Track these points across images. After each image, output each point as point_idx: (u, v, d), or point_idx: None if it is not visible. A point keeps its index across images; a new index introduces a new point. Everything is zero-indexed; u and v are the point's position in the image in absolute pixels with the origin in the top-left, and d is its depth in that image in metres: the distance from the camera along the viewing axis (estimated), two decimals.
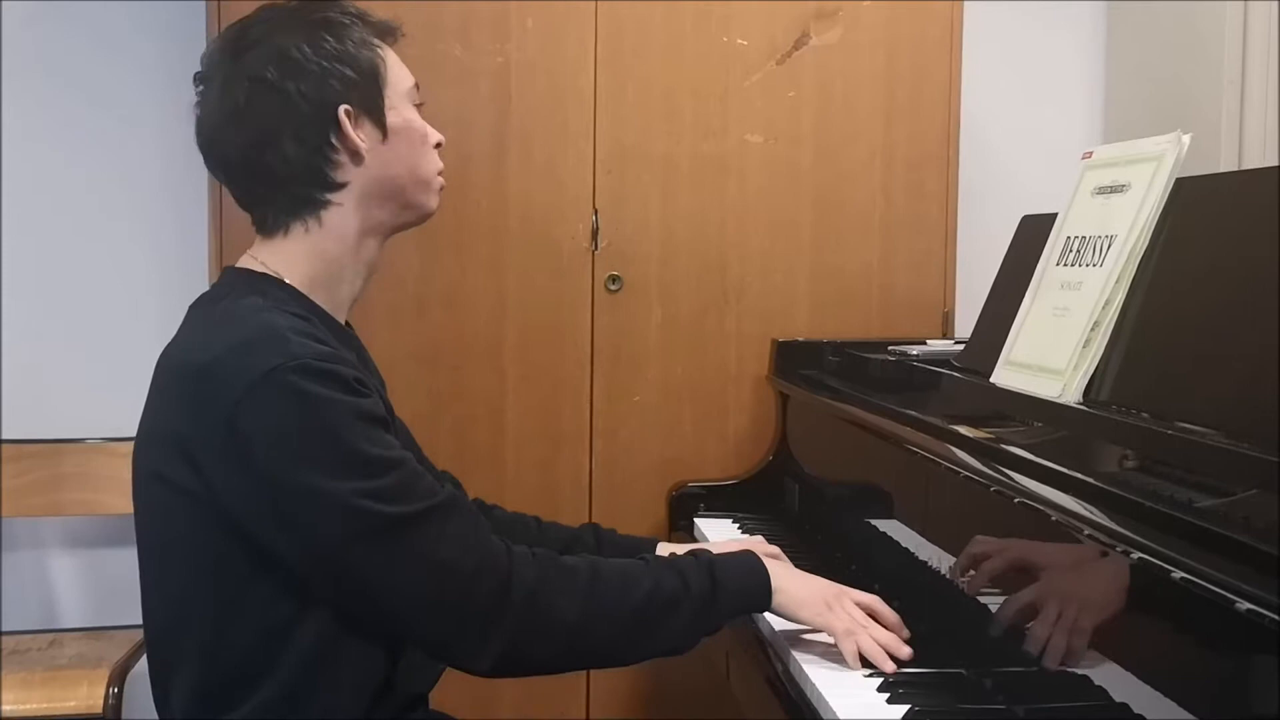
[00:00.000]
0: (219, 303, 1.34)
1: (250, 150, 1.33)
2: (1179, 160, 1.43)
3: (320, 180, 1.35)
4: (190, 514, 1.25)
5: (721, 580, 1.37)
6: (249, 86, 1.31)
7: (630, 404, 2.34)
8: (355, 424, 1.22)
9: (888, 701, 1.29)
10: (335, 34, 1.35)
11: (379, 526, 1.21)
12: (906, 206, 2.40)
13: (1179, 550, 0.98)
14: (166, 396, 1.30)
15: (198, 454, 1.23)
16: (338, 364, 1.24)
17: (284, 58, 1.32)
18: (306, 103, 1.32)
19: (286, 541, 1.23)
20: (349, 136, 1.34)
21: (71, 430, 2.57)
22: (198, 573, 1.27)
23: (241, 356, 1.22)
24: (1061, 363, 1.45)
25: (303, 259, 1.37)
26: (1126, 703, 1.06)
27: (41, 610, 2.66)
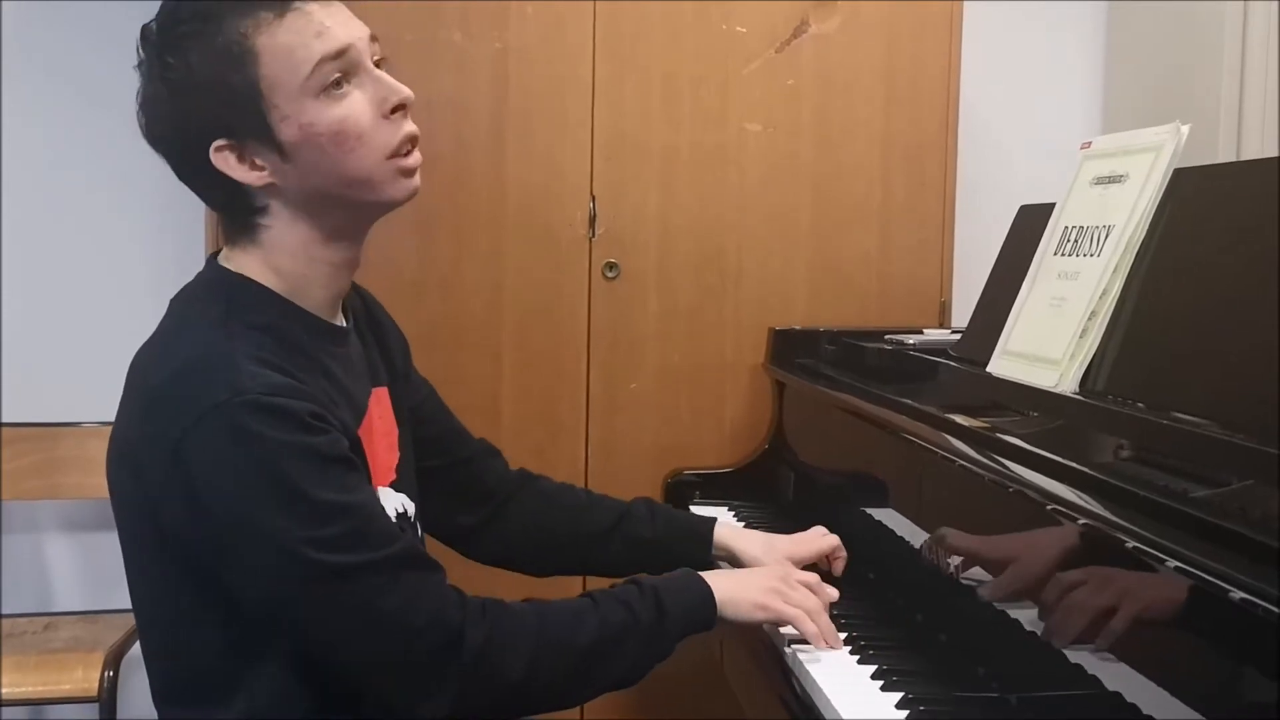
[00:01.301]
0: (186, 307, 1.28)
1: (159, 129, 1.24)
2: (1177, 151, 1.43)
3: (231, 207, 1.26)
4: (141, 526, 1.22)
5: (668, 608, 1.32)
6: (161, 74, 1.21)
7: (627, 391, 2.34)
8: (301, 465, 1.14)
9: (882, 689, 1.30)
10: (184, 50, 1.19)
11: (317, 575, 1.14)
12: (905, 196, 2.40)
13: (1174, 540, 0.98)
14: (126, 404, 1.25)
15: (147, 476, 1.18)
16: (291, 397, 1.15)
17: (148, 96, 1.22)
18: (179, 141, 1.23)
19: (228, 574, 1.18)
20: (231, 174, 1.21)
21: (68, 414, 2.56)
22: (151, 592, 1.25)
23: (189, 385, 1.16)
24: (1058, 353, 1.45)
25: (264, 268, 1.27)
26: (1119, 692, 1.06)
27: (37, 593, 2.66)
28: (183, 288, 1.32)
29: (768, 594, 1.40)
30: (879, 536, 1.69)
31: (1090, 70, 2.83)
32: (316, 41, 1.19)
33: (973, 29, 2.44)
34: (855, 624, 1.49)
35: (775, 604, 1.40)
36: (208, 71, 1.18)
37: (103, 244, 2.63)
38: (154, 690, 1.29)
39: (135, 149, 1.32)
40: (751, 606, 1.39)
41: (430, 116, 2.26)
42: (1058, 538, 1.18)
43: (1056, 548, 1.20)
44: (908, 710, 1.24)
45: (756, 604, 1.39)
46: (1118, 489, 1.11)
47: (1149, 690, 1.02)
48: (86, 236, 2.63)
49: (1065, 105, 2.81)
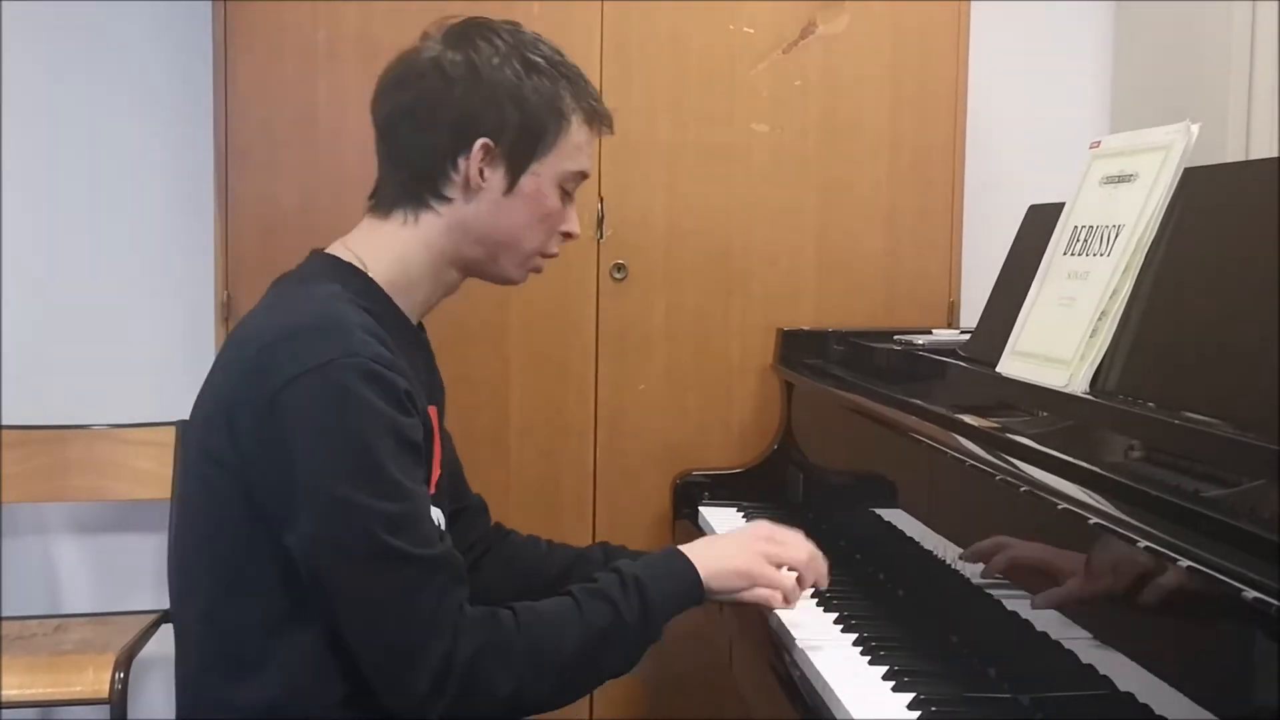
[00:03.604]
0: (301, 285, 1.35)
1: (396, 113, 1.37)
2: (1187, 150, 1.43)
3: (429, 183, 1.37)
4: (222, 490, 1.25)
5: (652, 598, 1.33)
6: (435, 64, 1.35)
7: (635, 392, 2.34)
8: (387, 439, 1.21)
9: (893, 690, 1.29)
10: (537, 80, 1.37)
11: (369, 549, 1.19)
12: (913, 196, 2.39)
13: (1185, 540, 0.98)
14: (225, 367, 1.31)
15: (238, 422, 1.23)
16: (394, 371, 1.24)
17: (478, 64, 1.35)
18: (460, 111, 1.34)
19: (286, 528, 1.22)
20: (470, 167, 1.35)
21: (77, 417, 2.57)
22: (217, 550, 1.28)
23: (302, 340, 1.23)
24: (1068, 352, 1.45)
25: (389, 254, 1.37)
26: (1131, 692, 1.06)
27: (47, 595, 2.67)
28: (287, 272, 1.41)
29: (753, 559, 1.40)
30: (889, 537, 1.69)
31: (1098, 69, 2.82)
32: (588, 159, 1.45)
33: (980, 29, 2.44)
34: (866, 624, 1.49)
35: (761, 570, 1.39)
36: (532, 95, 1.36)
37: (111, 248, 2.64)
38: (185, 659, 1.32)
39: (144, 150, 1.33)
40: (736, 577, 1.39)
41: None
42: (1068, 538, 1.18)
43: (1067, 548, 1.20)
44: (919, 711, 1.23)
45: (739, 572, 1.39)
46: (1129, 489, 1.11)
47: (1161, 690, 1.02)
48: (95, 240, 2.63)
49: (1073, 104, 2.81)
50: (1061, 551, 1.22)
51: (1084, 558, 1.16)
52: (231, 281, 2.24)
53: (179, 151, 2.58)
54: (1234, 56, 2.33)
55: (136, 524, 2.66)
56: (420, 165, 1.37)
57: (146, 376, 2.64)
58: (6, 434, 2.52)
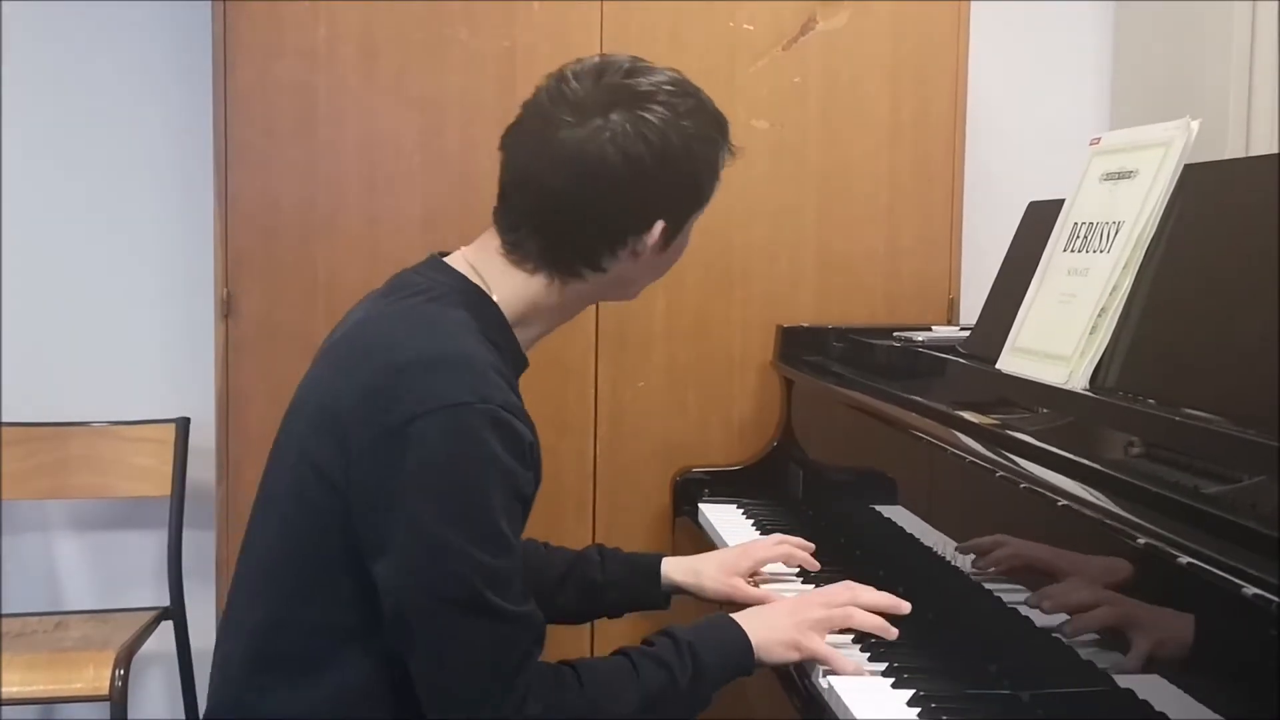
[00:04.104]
0: (431, 300, 1.31)
1: (569, 193, 1.30)
2: (1187, 146, 1.43)
3: (592, 259, 1.34)
4: (319, 495, 1.23)
5: (706, 664, 1.32)
6: (622, 144, 1.28)
7: (635, 390, 2.34)
8: (504, 492, 1.20)
9: (893, 686, 1.29)
10: (704, 148, 1.34)
11: (464, 601, 1.18)
12: (912, 192, 2.39)
13: (1185, 536, 0.98)
14: (346, 372, 1.27)
15: (354, 440, 1.21)
16: (523, 422, 1.23)
17: (670, 148, 1.30)
18: (643, 196, 1.31)
19: (379, 555, 1.20)
20: (646, 245, 1.34)
21: (78, 414, 2.57)
22: (300, 549, 1.26)
23: (438, 375, 1.20)
24: (1068, 349, 1.45)
25: (524, 299, 1.35)
26: (1131, 688, 1.06)
27: (48, 592, 2.67)
28: (411, 273, 1.38)
29: (799, 630, 1.38)
30: (888, 533, 1.69)
31: (1098, 67, 2.82)
32: None
33: (980, 25, 2.44)
34: None
35: (809, 643, 1.37)
36: (704, 167, 1.35)
37: (112, 245, 2.64)
38: (231, 657, 1.30)
39: (145, 149, 1.32)
40: (785, 648, 1.37)
41: (437, 114, 2.26)
42: (1069, 535, 1.18)
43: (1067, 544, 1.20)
44: (919, 707, 1.24)
45: (789, 644, 1.37)
46: (1128, 485, 1.11)
47: (1161, 686, 1.02)
48: (95, 237, 2.63)
49: (1073, 101, 2.81)
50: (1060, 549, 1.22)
51: (1083, 554, 1.16)
52: (231, 279, 2.24)
53: (179, 149, 2.58)
54: (1234, 54, 2.33)
55: (137, 521, 2.66)
56: (585, 247, 1.33)
57: (147, 374, 2.64)
58: (7, 431, 2.52)
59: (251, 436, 2.23)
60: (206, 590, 2.40)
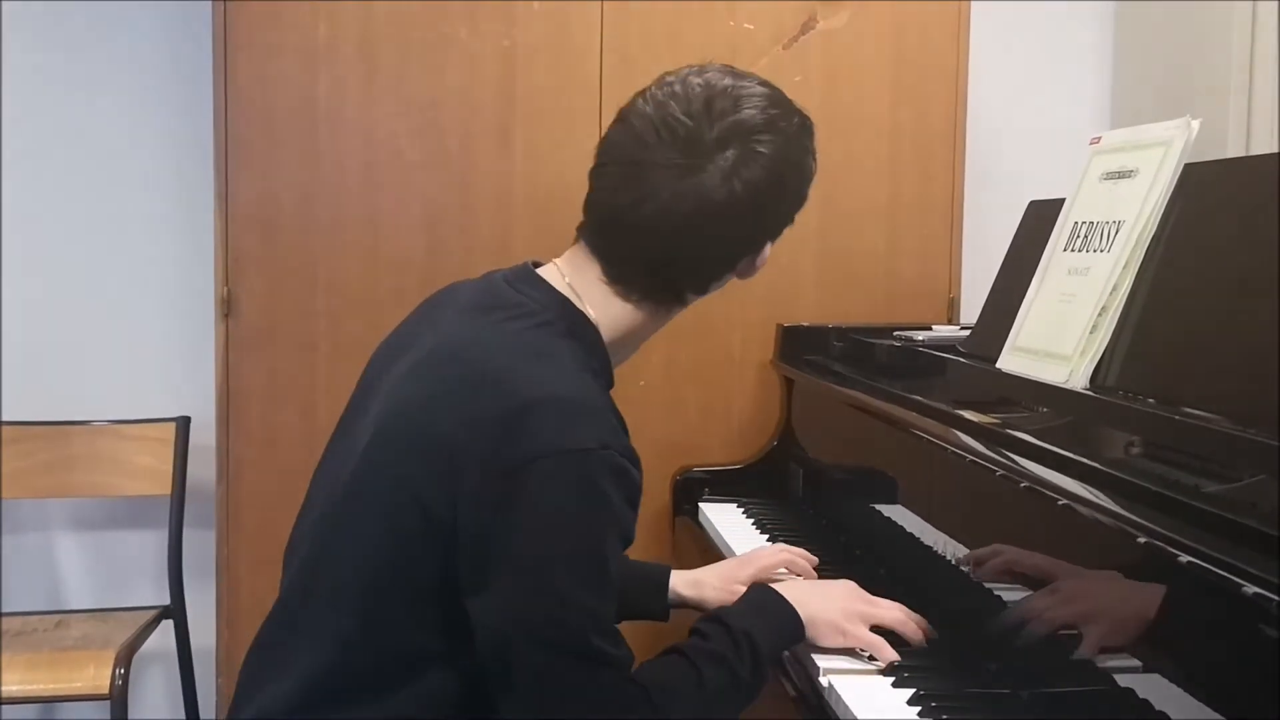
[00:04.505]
0: (538, 324, 1.27)
1: (688, 234, 1.27)
2: (1188, 145, 1.43)
3: (703, 287, 1.35)
4: (416, 526, 1.19)
5: (762, 651, 1.31)
6: (744, 179, 1.27)
7: (635, 388, 2.34)
8: (616, 539, 1.20)
9: (893, 685, 1.30)
10: (812, 164, 1.36)
11: (574, 649, 1.16)
12: (913, 191, 2.39)
13: (1186, 535, 0.98)
14: (450, 399, 1.21)
15: (464, 476, 1.17)
16: (636, 468, 1.22)
17: (784, 176, 1.31)
18: (760, 223, 1.32)
19: (478, 592, 1.17)
20: (754, 266, 1.36)
21: (79, 412, 2.57)
22: (387, 570, 1.22)
23: (562, 417, 1.17)
24: (1068, 348, 1.45)
25: (624, 323, 1.34)
26: (1131, 688, 1.06)
27: (48, 591, 2.67)
28: (504, 293, 1.32)
29: (848, 617, 1.39)
30: (889, 533, 1.69)
31: (1099, 67, 2.82)
32: None
33: (981, 24, 2.44)
34: None
35: (856, 630, 1.38)
36: (802, 185, 1.36)
37: (112, 244, 2.64)
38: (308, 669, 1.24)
39: (146, 148, 1.32)
40: (833, 631, 1.38)
41: (437, 113, 2.26)
42: (1068, 534, 1.18)
43: (1068, 544, 1.20)
44: (919, 706, 1.24)
45: (837, 628, 1.38)
46: (1129, 484, 1.11)
47: (1161, 686, 1.02)
48: (96, 236, 2.63)
49: (1074, 100, 2.81)
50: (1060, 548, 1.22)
51: (1083, 553, 1.16)
52: (231, 278, 2.24)
53: (179, 147, 2.58)
54: (1234, 54, 2.33)
55: (137, 520, 2.66)
56: (699, 280, 1.34)
57: (147, 372, 2.64)
58: (7, 429, 2.52)
59: (252, 435, 2.23)
60: (207, 589, 2.40)
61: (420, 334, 1.34)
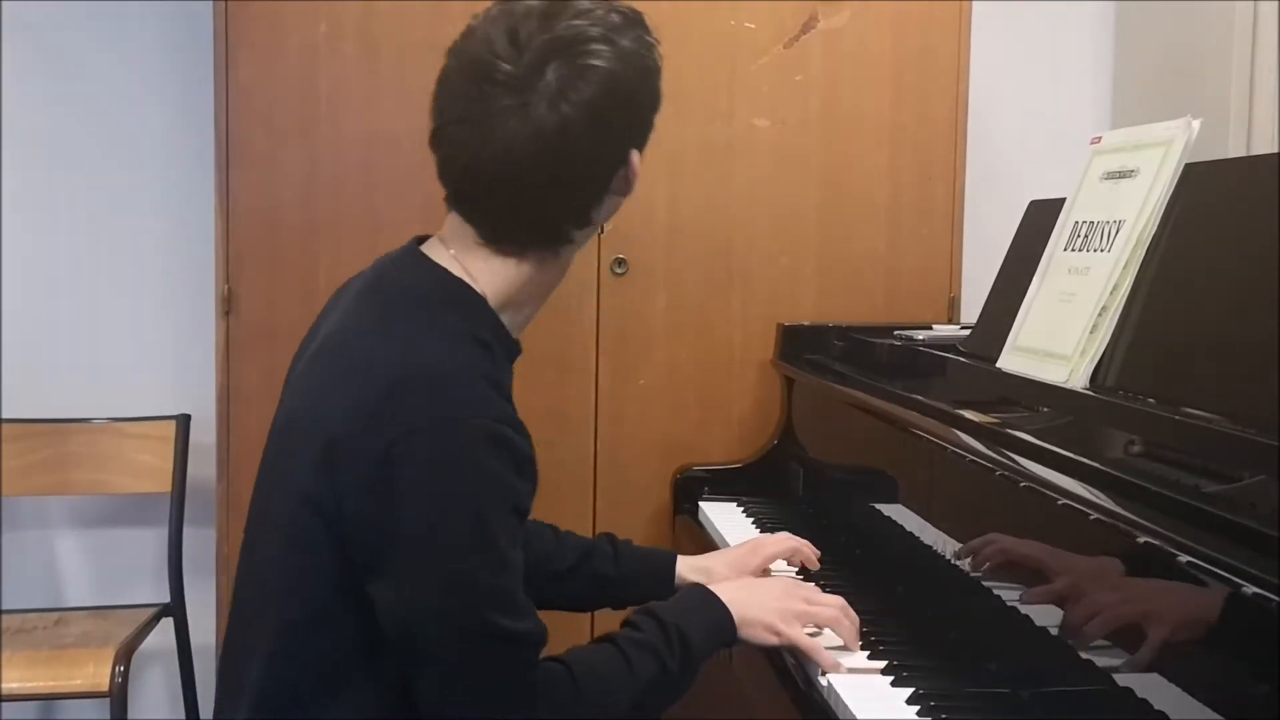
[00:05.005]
0: (418, 304, 1.25)
1: (548, 176, 1.22)
2: (1188, 145, 1.43)
3: (583, 219, 1.28)
4: (310, 524, 1.19)
5: (692, 643, 1.31)
6: (579, 110, 1.20)
7: (635, 387, 2.34)
8: (504, 510, 1.16)
9: (892, 685, 1.30)
10: (655, 56, 1.27)
11: (470, 627, 1.15)
12: (913, 191, 2.39)
13: (1186, 535, 0.98)
14: (333, 386, 1.21)
15: (342, 465, 1.16)
16: (519, 433, 1.18)
17: (614, 88, 1.21)
18: (619, 140, 1.26)
19: (377, 581, 1.16)
20: (628, 179, 1.29)
21: (78, 410, 2.57)
22: (300, 584, 1.21)
23: (431, 391, 1.15)
24: (1068, 348, 1.45)
25: (516, 281, 1.29)
26: (1130, 688, 1.06)
27: (48, 589, 2.67)
28: (388, 274, 1.31)
29: (782, 617, 1.38)
30: (888, 532, 1.69)
31: (1099, 67, 2.82)
32: None
33: (982, 24, 2.44)
34: (866, 620, 1.49)
35: (788, 630, 1.37)
36: (657, 89, 1.28)
37: (113, 242, 2.64)
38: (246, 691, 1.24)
39: (147, 146, 1.32)
40: (764, 630, 1.38)
41: None
42: (1068, 535, 1.18)
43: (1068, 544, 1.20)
44: (918, 705, 1.24)
45: (769, 628, 1.38)
46: (1129, 484, 1.11)
47: (1160, 685, 1.02)
48: (96, 234, 2.64)
49: (1074, 100, 2.81)
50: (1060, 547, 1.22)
51: (1083, 553, 1.17)
52: (232, 276, 2.24)
53: (180, 146, 2.58)
54: (1235, 54, 2.33)
55: (137, 518, 2.67)
56: (572, 213, 1.27)
57: (147, 370, 2.65)
58: (7, 427, 2.52)
59: (252, 433, 2.23)
60: (207, 587, 2.40)
61: (318, 330, 1.33)
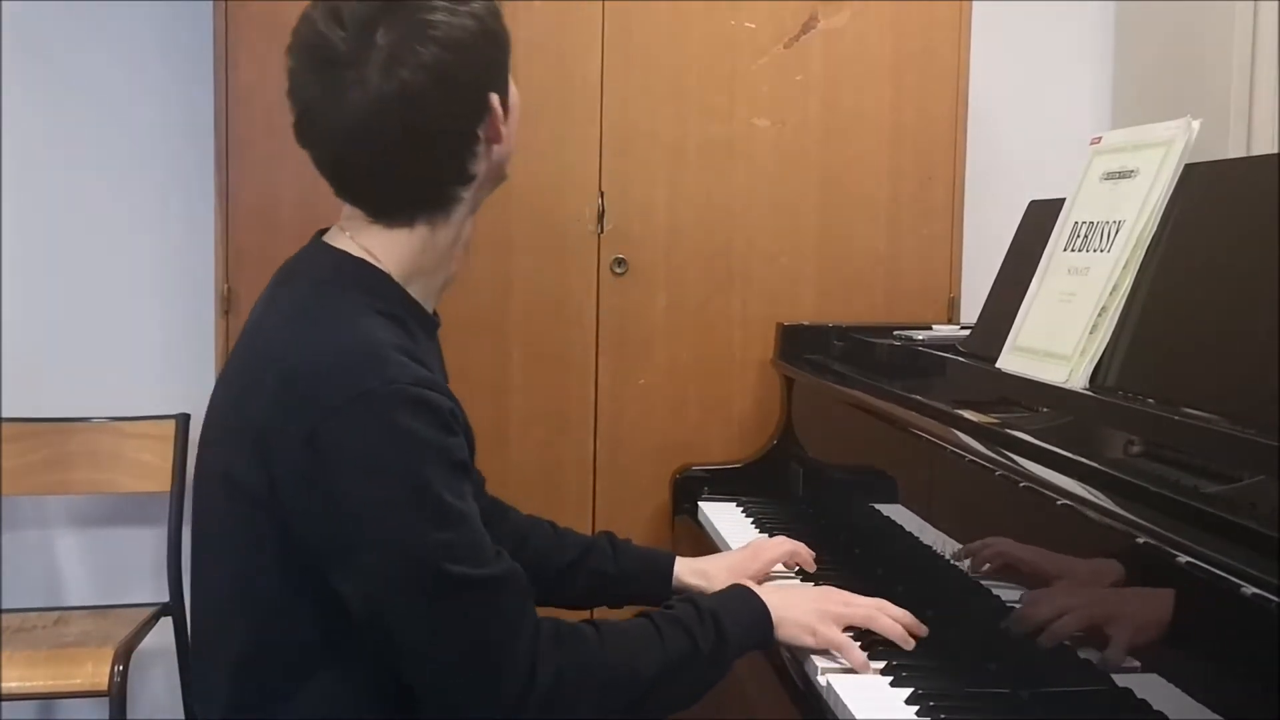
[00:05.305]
0: (319, 289, 1.25)
1: (405, 141, 1.21)
2: (1188, 146, 1.43)
3: (461, 174, 1.28)
4: (248, 518, 1.19)
5: (727, 631, 1.31)
6: (417, 72, 1.19)
7: (635, 387, 2.34)
8: (438, 466, 1.15)
9: (891, 685, 1.29)
10: (494, 17, 1.27)
11: (431, 585, 1.14)
12: (913, 191, 2.39)
13: (1185, 535, 0.98)
14: (251, 384, 1.21)
15: (275, 457, 1.16)
16: (436, 392, 1.18)
17: (451, 40, 1.20)
18: (471, 90, 1.24)
19: (335, 568, 1.16)
20: (496, 125, 1.27)
21: (78, 409, 2.57)
22: (244, 579, 1.21)
23: (339, 370, 1.15)
24: (1068, 348, 1.45)
25: (413, 250, 1.28)
26: (1129, 688, 1.06)
27: (47, 588, 2.67)
28: (295, 266, 1.31)
29: (820, 618, 1.38)
30: (888, 532, 1.69)
31: (1099, 67, 2.82)
32: None
33: (982, 24, 2.44)
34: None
35: (826, 630, 1.37)
36: (496, 26, 1.26)
37: (113, 241, 2.64)
38: (212, 697, 1.25)
39: (147, 145, 1.33)
40: (801, 630, 1.37)
41: None
42: (1067, 535, 1.18)
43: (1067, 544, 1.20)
44: (918, 705, 1.24)
45: (807, 628, 1.37)
46: (1128, 484, 1.11)
47: (1159, 686, 1.02)
48: (96, 233, 2.63)
49: (1074, 100, 2.81)
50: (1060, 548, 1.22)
51: (1082, 553, 1.16)
52: (232, 274, 2.24)
53: (180, 146, 2.58)
54: (1235, 54, 2.33)
55: (137, 517, 2.67)
56: (453, 167, 1.27)
57: (147, 369, 2.65)
58: (7, 427, 2.52)
59: None
60: None
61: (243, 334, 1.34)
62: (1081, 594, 1.17)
